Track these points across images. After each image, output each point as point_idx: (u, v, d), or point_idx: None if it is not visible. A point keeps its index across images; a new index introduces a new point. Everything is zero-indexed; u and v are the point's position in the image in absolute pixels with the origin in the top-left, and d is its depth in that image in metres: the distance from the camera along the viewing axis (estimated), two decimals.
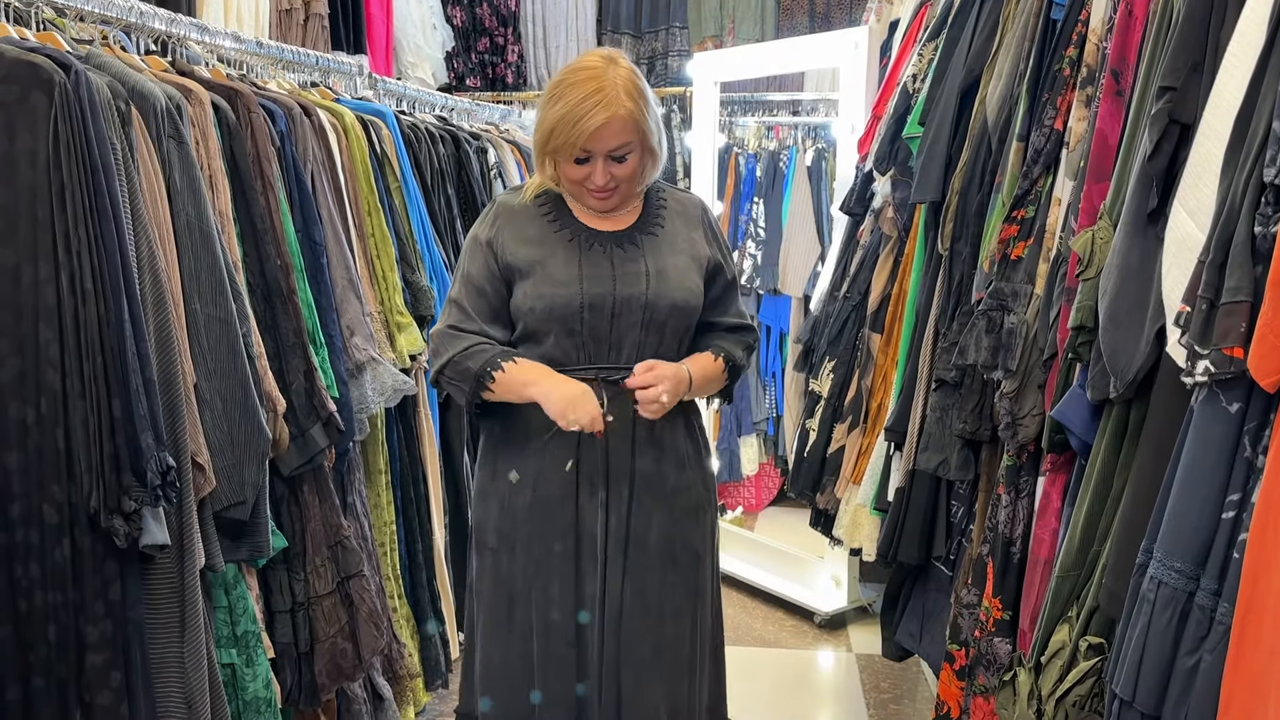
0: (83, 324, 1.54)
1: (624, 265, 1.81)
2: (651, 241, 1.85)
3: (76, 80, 1.55)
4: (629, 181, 1.80)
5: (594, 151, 1.74)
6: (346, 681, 2.19)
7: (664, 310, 1.81)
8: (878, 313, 2.65)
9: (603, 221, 1.86)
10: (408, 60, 4.64)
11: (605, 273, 1.80)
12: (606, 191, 1.79)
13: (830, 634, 3.45)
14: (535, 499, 1.83)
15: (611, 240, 1.83)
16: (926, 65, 2.40)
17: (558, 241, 1.82)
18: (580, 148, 1.73)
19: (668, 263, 1.83)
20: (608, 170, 1.76)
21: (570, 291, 1.77)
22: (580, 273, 1.79)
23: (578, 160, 1.76)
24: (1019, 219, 1.79)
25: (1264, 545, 1.08)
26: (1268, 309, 1.06)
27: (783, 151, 4.36)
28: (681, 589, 1.87)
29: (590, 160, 1.75)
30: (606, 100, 1.70)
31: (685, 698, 1.89)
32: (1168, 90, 1.31)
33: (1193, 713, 1.13)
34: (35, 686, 1.56)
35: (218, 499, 1.81)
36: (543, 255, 1.80)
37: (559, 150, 1.75)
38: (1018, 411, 1.71)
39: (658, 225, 1.87)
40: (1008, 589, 1.73)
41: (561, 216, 1.85)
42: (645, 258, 1.82)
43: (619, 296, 1.79)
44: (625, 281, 1.80)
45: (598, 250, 1.82)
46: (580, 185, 1.79)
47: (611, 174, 1.76)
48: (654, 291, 1.80)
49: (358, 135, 2.46)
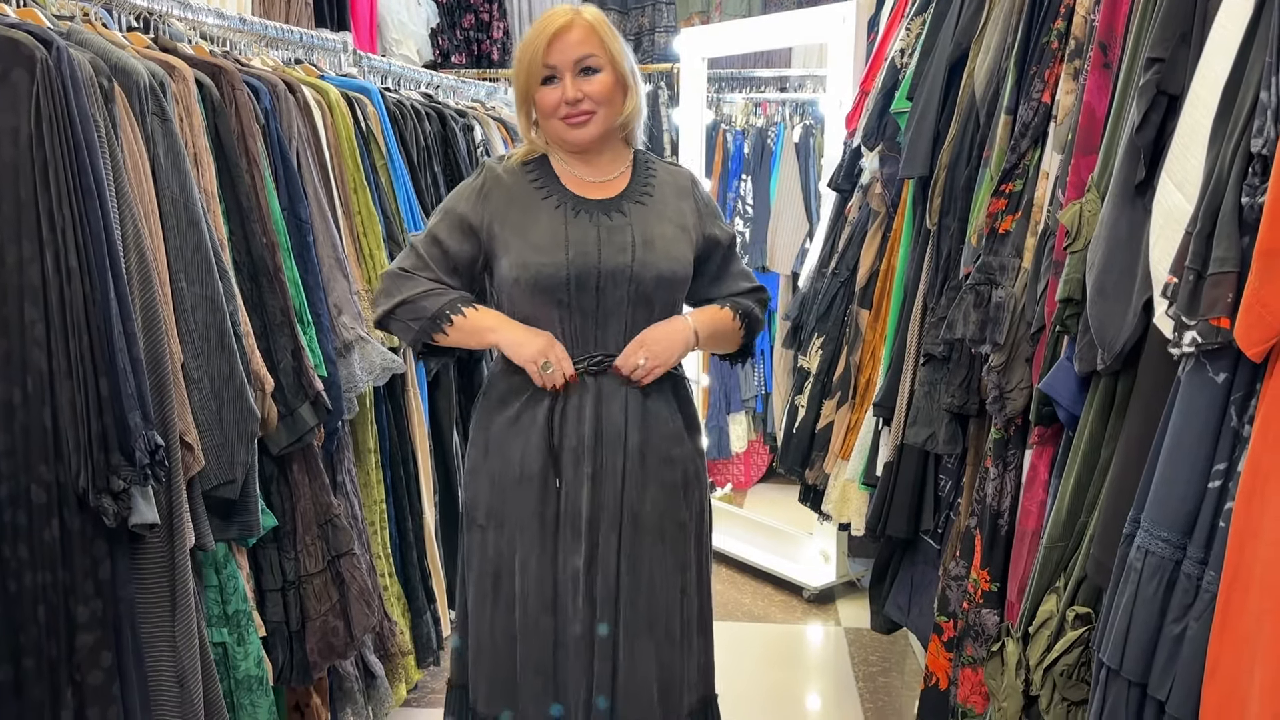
0: (68, 303, 1.53)
1: (610, 234, 1.79)
2: (639, 210, 1.83)
3: (59, 57, 1.53)
4: (603, 104, 1.78)
5: (559, 65, 1.75)
6: (338, 659, 2.19)
7: (650, 282, 1.79)
8: (866, 288, 2.65)
9: (590, 189, 1.84)
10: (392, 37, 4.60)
11: (591, 241, 1.78)
12: (580, 113, 1.77)
13: (819, 608, 3.48)
14: (524, 475, 1.83)
15: (598, 207, 1.82)
16: (914, 40, 2.39)
17: (543, 208, 1.80)
18: (544, 64, 1.74)
19: (655, 231, 1.81)
20: (577, 86, 1.75)
21: (555, 261, 1.76)
22: (565, 240, 1.77)
23: (546, 81, 1.76)
24: (1007, 193, 1.79)
25: (1250, 514, 1.09)
26: (1255, 279, 1.07)
27: (770, 128, 4.34)
28: (671, 562, 1.88)
29: (558, 79, 1.76)
30: (566, 11, 1.75)
31: (676, 671, 1.90)
32: (1155, 61, 1.31)
33: (1179, 680, 1.15)
34: (26, 667, 1.56)
35: (207, 478, 1.81)
36: (526, 222, 1.79)
37: (530, 75, 1.76)
38: (1005, 385, 1.71)
39: (646, 194, 1.86)
40: (995, 561, 1.74)
41: (549, 183, 1.83)
42: (632, 226, 1.81)
43: (604, 268, 1.77)
44: (611, 251, 1.78)
45: (583, 218, 1.80)
46: (554, 116, 1.78)
47: (582, 90, 1.75)
48: (640, 261, 1.78)
49: (343, 112, 2.44)
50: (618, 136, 1.87)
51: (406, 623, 2.65)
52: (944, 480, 2.10)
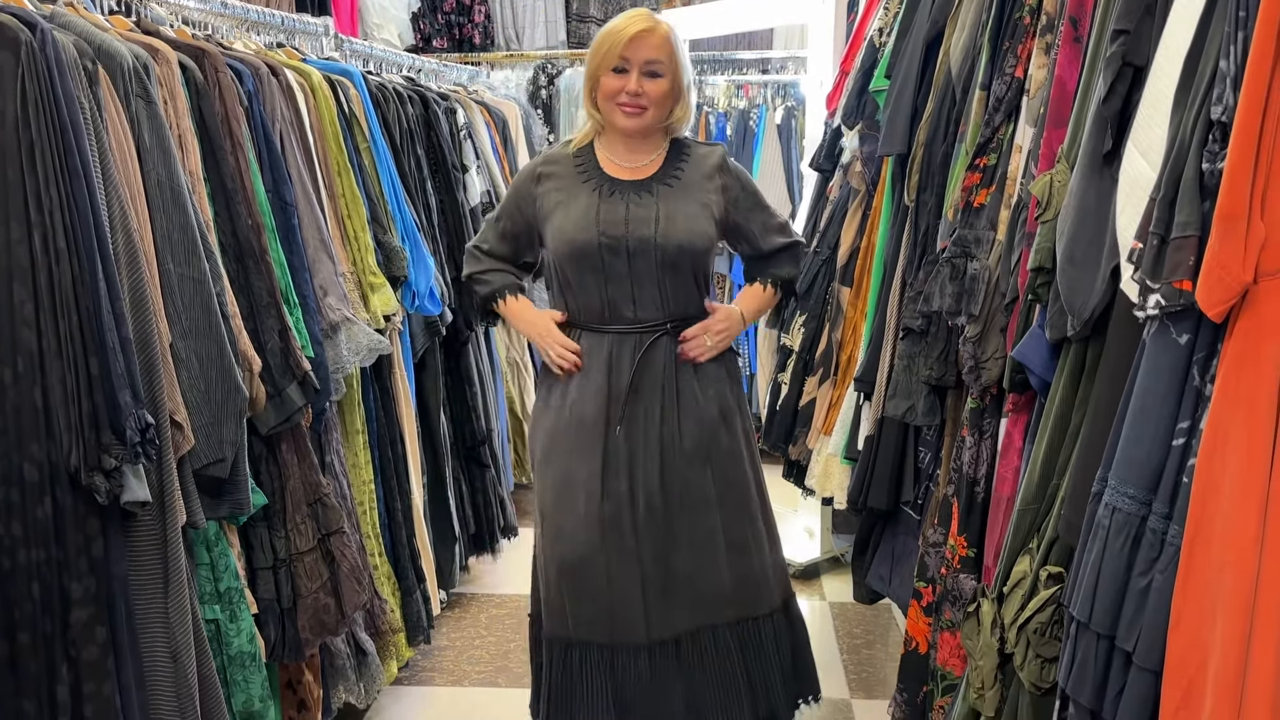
0: (57, 283, 1.55)
1: (637, 210, 2.08)
2: (666, 190, 2.11)
3: (43, 39, 1.54)
4: (658, 105, 2.07)
5: (631, 60, 2.04)
6: (329, 636, 2.22)
7: (673, 251, 2.07)
8: (847, 266, 2.69)
9: (626, 171, 2.13)
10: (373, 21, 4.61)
11: (619, 217, 2.07)
12: (638, 106, 2.06)
13: (804, 584, 3.52)
14: (574, 417, 2.14)
15: (630, 188, 2.11)
16: (892, 19, 2.42)
17: (583, 190, 2.11)
18: (620, 55, 2.04)
19: (677, 209, 2.09)
20: (640, 83, 2.04)
21: (589, 234, 2.06)
22: (597, 216, 2.07)
23: (616, 70, 2.05)
24: (981, 167, 1.82)
25: (1211, 470, 1.13)
26: (1215, 242, 1.10)
27: (753, 110, 4.37)
28: (720, 481, 2.17)
29: (627, 71, 2.04)
30: (647, 16, 2.07)
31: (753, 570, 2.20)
32: (1121, 33, 1.34)
33: (1145, 630, 1.19)
34: (21, 642, 1.58)
35: (197, 457, 1.83)
36: (567, 201, 2.11)
37: (603, 60, 2.05)
38: (981, 355, 1.75)
39: (674, 176, 2.13)
40: (972, 527, 1.78)
41: (589, 168, 2.14)
42: (658, 203, 2.09)
43: (631, 238, 2.06)
44: (636, 225, 2.07)
45: (616, 197, 2.09)
46: (613, 100, 2.06)
47: (643, 88, 2.04)
48: (662, 234, 2.06)
49: (325, 95, 2.46)
50: (660, 131, 2.15)
51: (397, 601, 2.68)
52: (923, 452, 2.14)
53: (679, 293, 2.13)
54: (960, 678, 1.81)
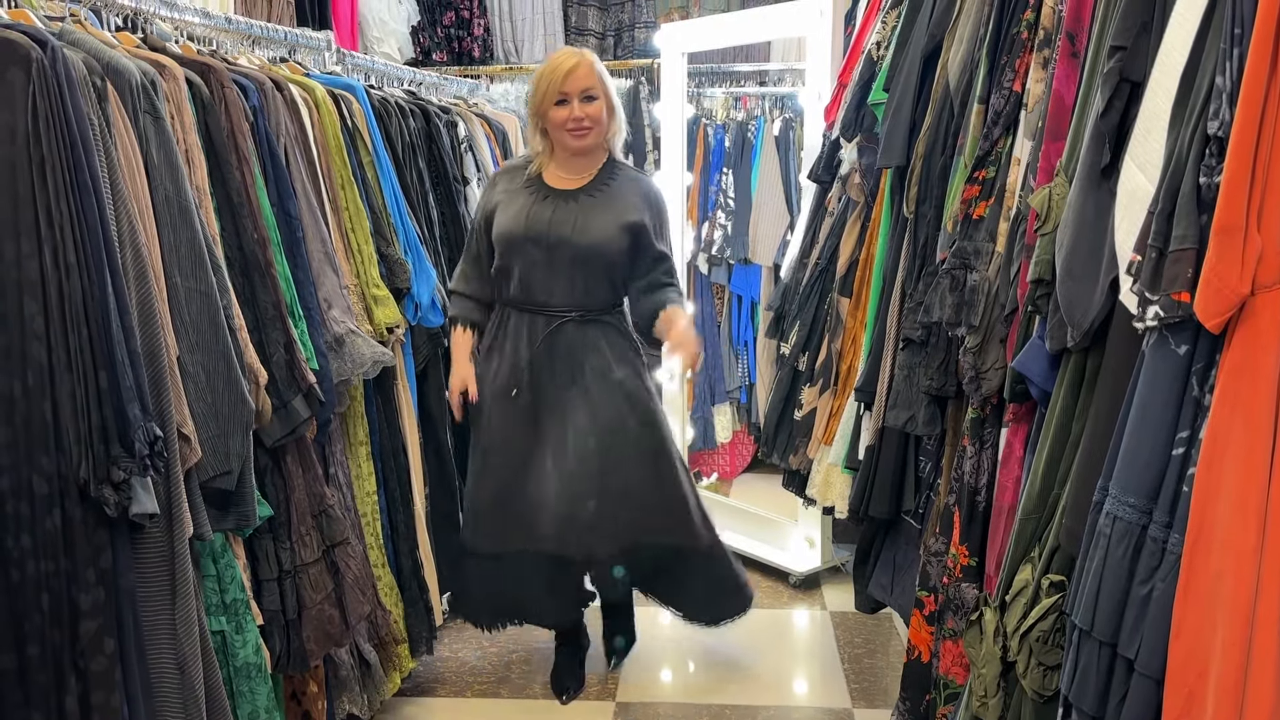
0: (67, 298, 1.56)
1: (560, 214, 2.57)
2: (589, 200, 2.59)
3: (53, 56, 1.56)
4: (598, 123, 2.56)
5: (570, 92, 2.52)
6: (334, 647, 2.23)
7: (585, 248, 2.54)
8: (846, 277, 2.70)
9: (561, 182, 2.62)
10: (373, 35, 4.63)
11: (545, 217, 2.57)
12: (582, 128, 2.54)
13: (805, 593, 3.53)
14: (497, 380, 2.66)
15: (561, 196, 2.59)
16: (890, 32, 2.44)
17: (522, 193, 2.62)
18: (560, 90, 2.51)
19: (594, 216, 2.56)
20: (582, 108, 2.52)
21: (518, 227, 2.57)
22: (526, 215, 2.57)
23: (559, 102, 2.52)
24: (980, 179, 1.84)
25: (1210, 479, 1.15)
26: (1212, 255, 1.12)
27: (751, 122, 4.39)
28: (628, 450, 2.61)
29: (568, 102, 2.52)
30: (573, 53, 2.56)
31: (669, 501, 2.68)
32: (1118, 50, 1.36)
33: (1147, 638, 1.20)
34: (30, 654, 1.59)
35: (204, 469, 1.84)
36: (507, 203, 2.62)
37: (545, 97, 2.53)
38: (981, 366, 1.77)
39: (599, 190, 2.61)
40: (974, 536, 1.80)
41: (534, 178, 2.64)
42: (579, 210, 2.56)
43: (551, 235, 2.55)
44: (557, 225, 2.56)
45: (547, 202, 2.59)
46: (563, 128, 2.54)
47: (585, 112, 2.52)
48: (577, 233, 2.54)
49: (329, 109, 2.48)
50: (600, 149, 2.63)
51: (400, 612, 2.69)
52: (924, 461, 2.16)
53: (588, 286, 2.58)
54: (963, 686, 1.82)
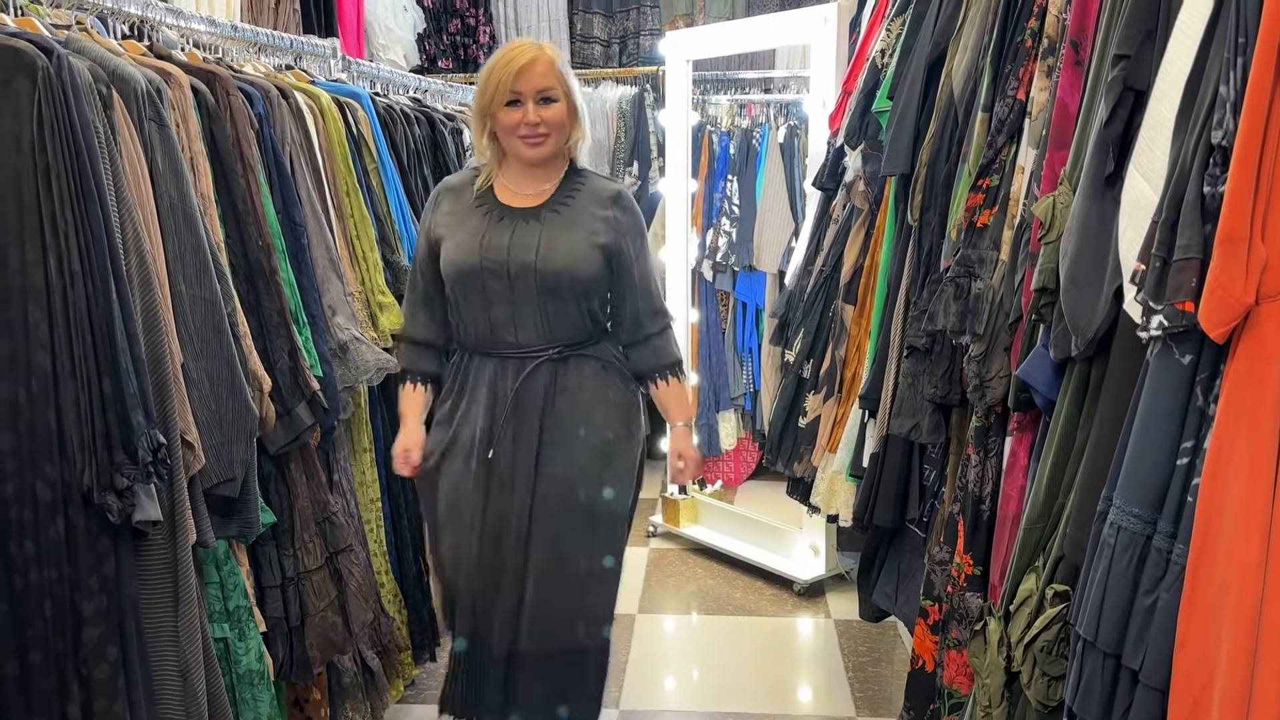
0: (71, 305, 1.57)
1: (521, 236, 2.06)
2: (553, 217, 2.08)
3: (59, 64, 1.57)
4: (557, 130, 2.05)
5: (523, 92, 2.00)
6: (337, 654, 2.23)
7: (551, 276, 2.04)
8: (850, 284, 2.70)
9: (518, 199, 2.11)
10: (379, 43, 4.64)
11: (503, 242, 2.06)
12: (538, 135, 2.03)
13: (809, 601, 3.52)
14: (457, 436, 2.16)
15: (519, 215, 2.09)
16: (894, 40, 2.44)
17: (473, 215, 2.11)
18: (511, 89, 2.00)
19: (560, 235, 2.06)
20: (538, 112, 2.01)
21: (471, 258, 2.06)
22: (481, 242, 2.06)
23: (510, 103, 2.01)
24: (984, 188, 1.84)
25: (1215, 489, 1.14)
26: (1216, 264, 1.12)
27: (755, 129, 4.39)
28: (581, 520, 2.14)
29: (521, 103, 2.01)
30: (531, 46, 2.03)
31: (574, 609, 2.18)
32: (1122, 58, 1.36)
33: (1151, 649, 1.20)
34: (33, 661, 1.60)
35: (207, 476, 1.84)
36: (456, 226, 2.11)
37: (494, 96, 2.01)
38: (985, 374, 1.76)
39: (563, 204, 2.10)
40: (978, 545, 1.79)
41: (485, 195, 2.13)
42: (542, 230, 2.07)
43: (513, 263, 2.04)
44: (518, 250, 2.05)
45: (504, 223, 2.08)
46: (514, 134, 2.03)
47: (541, 116, 2.01)
48: (542, 258, 2.04)
49: (334, 117, 2.48)
50: (562, 155, 2.12)
51: (403, 620, 2.69)
52: (928, 469, 2.15)
53: (561, 319, 2.09)
54: (967, 696, 1.82)
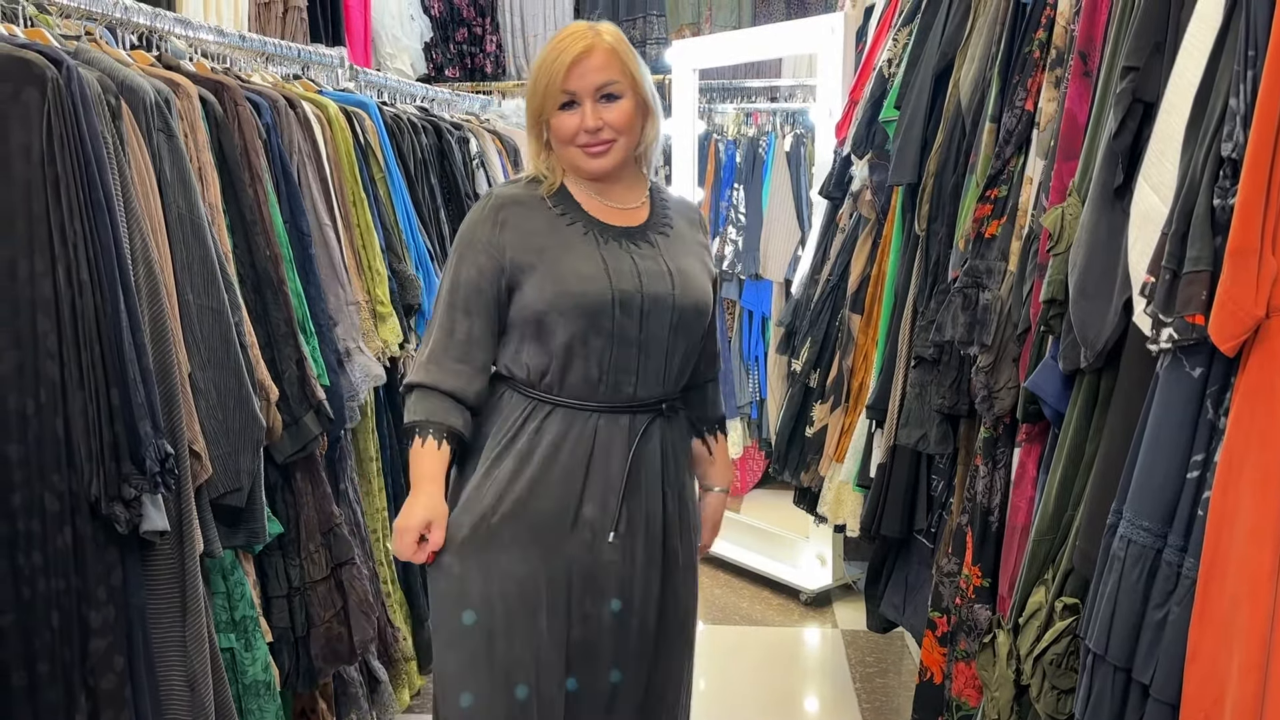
0: (80, 315, 1.57)
1: (644, 263, 1.66)
2: (665, 241, 1.71)
3: (68, 75, 1.57)
4: (624, 133, 1.64)
5: (579, 91, 1.61)
6: (343, 665, 2.23)
7: (690, 312, 1.68)
8: (857, 294, 2.70)
9: (614, 215, 1.70)
10: (386, 52, 4.65)
11: (629, 269, 1.64)
12: (600, 143, 1.63)
13: (815, 611, 3.51)
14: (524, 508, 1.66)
15: (626, 236, 1.68)
16: (901, 50, 2.44)
17: (571, 234, 1.65)
18: (563, 89, 1.60)
19: (684, 264, 1.70)
20: (597, 113, 1.61)
21: (599, 287, 1.61)
22: (605, 267, 1.62)
23: (565, 106, 1.62)
24: (992, 198, 1.84)
25: (1226, 503, 1.14)
26: (1226, 277, 1.12)
27: (762, 138, 4.40)
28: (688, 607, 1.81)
29: (577, 104, 1.61)
30: (586, 33, 1.62)
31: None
32: (1131, 70, 1.36)
33: (1162, 663, 1.19)
34: (40, 672, 1.59)
35: (214, 486, 1.84)
36: (557, 247, 1.64)
37: (546, 99, 1.62)
38: (993, 385, 1.76)
39: (667, 225, 1.74)
40: (987, 557, 1.79)
41: (570, 209, 1.68)
42: (663, 257, 1.68)
43: (647, 294, 1.63)
44: (650, 280, 1.64)
45: (615, 245, 1.66)
46: (572, 143, 1.64)
47: (602, 119, 1.61)
48: (680, 291, 1.66)
49: (342, 126, 2.49)
50: (635, 164, 1.73)
51: (409, 629, 2.68)
52: (936, 480, 2.14)
53: (684, 365, 1.73)
54: (976, 709, 1.81)
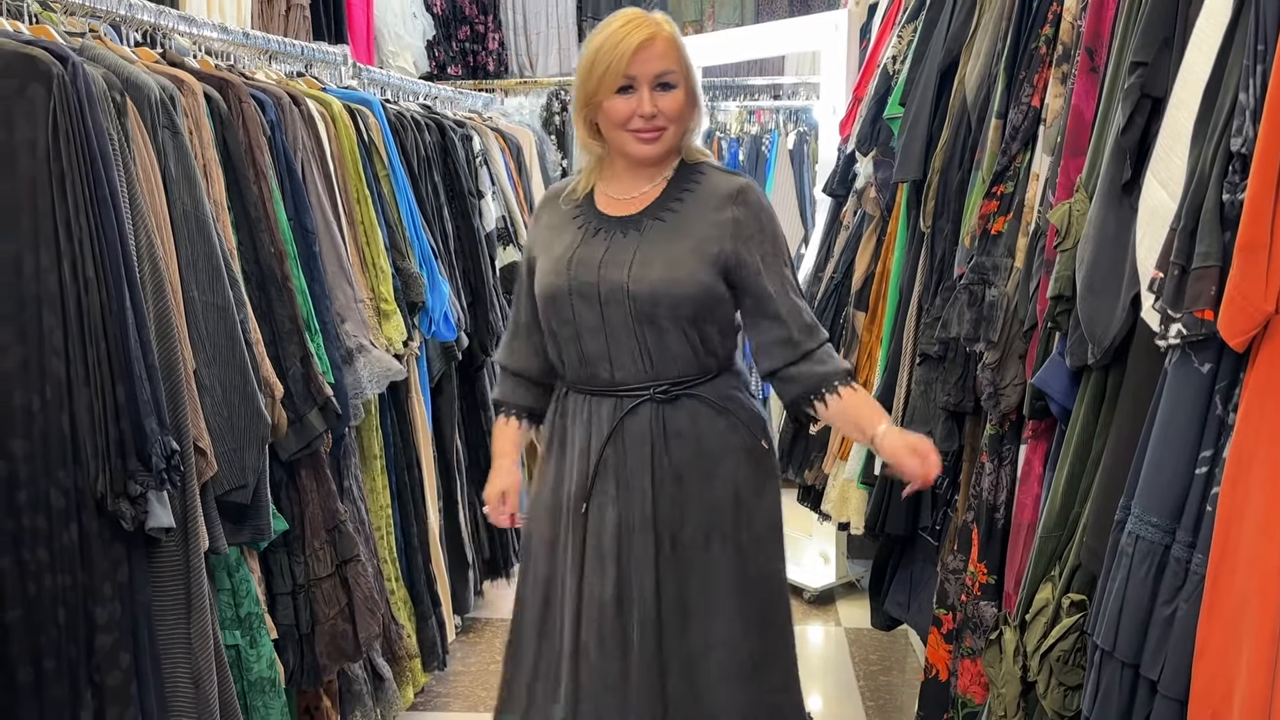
0: (85, 311, 1.57)
1: (615, 252, 1.71)
2: (655, 226, 1.72)
3: (74, 72, 1.57)
4: (675, 122, 1.69)
5: (638, 77, 1.65)
6: (347, 662, 2.23)
7: (647, 298, 1.67)
8: (862, 291, 2.69)
9: (617, 205, 1.76)
10: (389, 49, 4.66)
11: (594, 259, 1.71)
12: (654, 129, 1.68)
13: (819, 609, 3.51)
14: (553, 494, 1.81)
15: (617, 226, 1.73)
16: (906, 46, 2.44)
17: (569, 226, 1.77)
18: (624, 74, 1.65)
19: (658, 248, 1.70)
20: (654, 100, 1.66)
21: (559, 279, 1.72)
22: (570, 259, 1.72)
23: (621, 90, 1.66)
24: (998, 195, 1.84)
25: (1235, 498, 1.13)
26: (1236, 273, 1.11)
27: (765, 135, 4.40)
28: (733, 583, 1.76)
29: (634, 90, 1.66)
30: (648, 22, 1.67)
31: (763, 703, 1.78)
32: (1139, 65, 1.36)
33: (1170, 659, 1.19)
34: (46, 668, 1.59)
35: (219, 483, 1.84)
36: (551, 241, 1.78)
37: (602, 82, 1.66)
38: (1000, 381, 1.75)
39: (669, 210, 1.73)
40: (992, 554, 1.78)
41: (584, 206, 1.79)
42: (641, 244, 1.71)
43: (603, 283, 1.69)
44: (610, 268, 1.69)
45: (600, 237, 1.73)
46: (624, 128, 1.68)
47: (658, 106, 1.66)
48: (634, 278, 1.68)
49: (345, 124, 2.49)
50: (676, 151, 1.76)
51: (413, 627, 2.69)
52: (941, 477, 2.14)
53: (664, 351, 1.71)
54: (981, 705, 1.81)
